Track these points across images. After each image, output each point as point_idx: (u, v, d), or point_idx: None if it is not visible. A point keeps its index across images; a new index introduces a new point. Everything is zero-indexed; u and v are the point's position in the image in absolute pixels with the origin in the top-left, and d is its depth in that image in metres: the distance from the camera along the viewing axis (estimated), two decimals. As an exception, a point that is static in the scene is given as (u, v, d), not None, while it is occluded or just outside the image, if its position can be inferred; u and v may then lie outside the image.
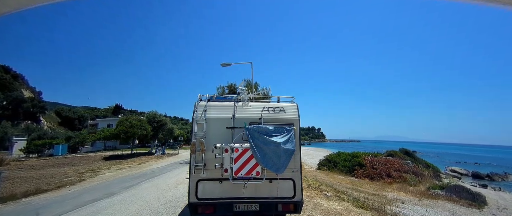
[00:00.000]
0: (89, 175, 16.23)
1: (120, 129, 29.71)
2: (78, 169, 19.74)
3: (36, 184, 12.82)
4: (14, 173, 17.34)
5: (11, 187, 12.02)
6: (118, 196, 9.69)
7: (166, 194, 9.61)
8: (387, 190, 13.18)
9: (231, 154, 4.74)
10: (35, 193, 10.93)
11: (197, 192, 5.11)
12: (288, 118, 5.56)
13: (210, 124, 5.38)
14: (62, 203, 8.94)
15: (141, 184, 12.10)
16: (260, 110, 5.58)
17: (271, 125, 5.11)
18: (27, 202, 9.54)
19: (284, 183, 5.11)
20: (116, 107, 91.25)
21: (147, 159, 26.10)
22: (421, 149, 35.31)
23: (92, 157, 28.93)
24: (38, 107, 55.31)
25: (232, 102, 5.73)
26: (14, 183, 13.28)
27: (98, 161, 25.83)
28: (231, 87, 21.14)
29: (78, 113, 72.53)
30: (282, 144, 4.78)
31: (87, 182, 13.81)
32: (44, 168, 21.03)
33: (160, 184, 11.68)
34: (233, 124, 5.33)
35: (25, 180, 14.44)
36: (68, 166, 22.12)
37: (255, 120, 5.35)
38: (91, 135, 42.48)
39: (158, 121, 34.21)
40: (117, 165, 21.95)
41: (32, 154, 35.15)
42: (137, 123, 30.67)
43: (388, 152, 21.13)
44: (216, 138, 5.19)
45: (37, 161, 27.57)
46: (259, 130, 4.95)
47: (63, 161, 26.21)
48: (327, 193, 9.24)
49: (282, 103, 6.02)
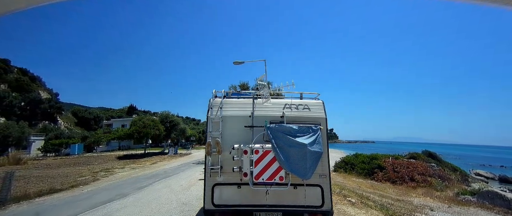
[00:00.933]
0: (103, 174, 16.19)
1: (134, 129, 29.96)
2: (92, 168, 19.86)
3: (51, 184, 12.81)
4: (31, 172, 17.57)
5: (26, 186, 12.02)
6: (130, 197, 9.43)
7: (179, 196, 9.27)
8: (412, 195, 12.35)
9: (251, 156, 4.24)
10: (49, 193, 10.84)
11: (213, 197, 4.65)
12: (314, 117, 4.99)
13: (226, 122, 4.91)
14: (74, 204, 8.74)
15: (154, 184, 11.85)
16: (282, 107, 5.06)
17: (295, 124, 4.57)
18: (40, 202, 9.41)
19: (311, 190, 4.54)
20: (130, 107, 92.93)
21: (160, 159, 26.08)
22: (440, 151, 33.62)
23: (107, 157, 29.26)
24: (55, 107, 56.89)
25: (251, 98, 5.22)
26: (29, 182, 13.34)
27: (112, 160, 26.05)
28: (244, 86, 20.69)
29: (93, 114, 74.18)
30: (309, 145, 4.22)
31: (100, 181, 13.71)
32: (60, 167, 21.31)
33: (173, 185, 11.39)
34: (252, 122, 4.81)
35: (41, 179, 14.52)
36: (83, 165, 22.35)
37: (276, 119, 4.83)
38: (106, 135, 43.21)
39: (171, 121, 34.37)
40: (130, 164, 21.98)
41: (49, 153, 35.99)
42: (150, 123, 30.84)
43: (410, 154, 20.06)
44: (233, 138, 4.73)
45: (54, 160, 28.14)
46: (282, 130, 4.41)
47: (79, 160, 26.60)
48: (351, 199, 8.60)
49: (305, 99, 5.48)
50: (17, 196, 9.80)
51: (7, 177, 9.43)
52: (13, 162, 23.30)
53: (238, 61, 14.37)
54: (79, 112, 72.58)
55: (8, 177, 9.45)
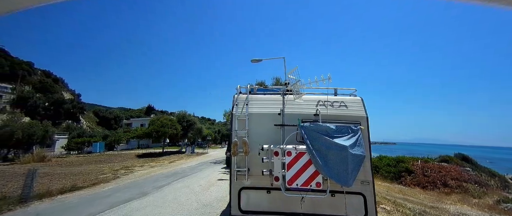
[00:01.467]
0: (123, 172, 16.25)
1: (152, 128, 30.33)
2: (113, 166, 20.10)
3: (73, 181, 12.92)
4: (54, 170, 17.99)
5: (49, 184, 12.15)
6: (150, 196, 9.20)
7: (199, 197, 8.92)
8: (446, 202, 11.38)
9: (282, 158, 3.78)
10: (71, 190, 10.86)
11: (240, 202, 4.25)
12: (352, 115, 4.47)
13: (253, 120, 4.50)
14: (95, 202, 8.61)
15: (173, 183, 11.64)
16: (315, 104, 4.58)
17: (332, 123, 4.05)
18: (61, 199, 9.38)
19: (352, 198, 4.02)
20: (148, 107, 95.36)
21: (177, 158, 26.15)
22: (468, 153, 31.27)
23: (127, 155, 29.76)
24: (77, 108, 58.98)
25: (279, 94, 4.74)
26: (52, 180, 13.54)
27: (132, 158, 26.40)
28: (261, 85, 20.26)
29: (114, 114, 76.47)
30: (350, 148, 3.67)
31: (121, 179, 13.69)
32: (82, 164, 21.77)
33: (192, 185, 11.11)
34: (283, 120, 4.34)
35: (63, 176, 14.74)
36: (104, 163, 22.73)
37: (309, 117, 4.35)
38: (126, 133, 44.19)
39: (187, 120, 34.56)
40: (149, 163, 22.10)
41: (72, 151, 37.28)
42: (167, 122, 31.10)
43: (442, 157, 18.78)
44: (261, 137, 4.31)
45: (77, 157, 28.94)
46: (317, 129, 3.88)
47: (100, 158, 27.18)
48: (384, 206, 7.91)
49: (340, 96, 4.91)
50: (39, 193, 9.84)
51: (30, 174, 9.46)
52: (37, 160, 24.10)
53: (256, 59, 14.02)
54: (100, 112, 75.12)
55: (31, 174, 9.47)
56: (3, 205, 8.49)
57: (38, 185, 11.78)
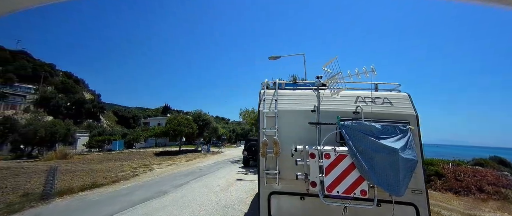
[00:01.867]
0: (142, 170, 16.24)
1: (169, 127, 30.50)
2: (132, 163, 20.24)
3: (93, 178, 12.96)
4: (76, 166, 18.29)
5: (70, 181, 12.22)
6: (169, 195, 8.94)
7: (219, 197, 8.55)
8: (483, 210, 10.37)
9: (320, 161, 3.28)
10: (91, 187, 10.82)
11: (270, 208, 3.83)
12: (399, 113, 3.92)
13: (282, 118, 4.06)
14: (115, 200, 8.43)
15: (191, 183, 11.37)
16: (353, 100, 4.10)
17: (377, 123, 3.50)
18: (82, 196, 9.30)
19: (402, 209, 3.46)
20: (165, 107, 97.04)
21: (194, 156, 26.11)
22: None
23: (145, 153, 30.11)
24: (97, 107, 60.87)
25: (313, 89, 4.26)
26: (73, 176, 13.65)
27: (150, 156, 26.63)
28: (295, 80, 19.53)
29: (132, 113, 78.41)
30: (400, 151, 3.11)
31: (140, 177, 13.62)
32: (102, 162, 22.10)
33: (210, 184, 10.79)
34: (318, 118, 3.83)
35: (84, 173, 14.87)
36: (123, 160, 23.00)
37: (348, 115, 3.86)
38: (144, 132, 44.93)
39: (203, 120, 34.65)
40: (167, 161, 22.12)
41: (93, 148, 38.31)
42: (184, 121, 31.21)
43: (476, 160, 17.46)
44: (292, 136, 3.88)
45: (97, 155, 29.57)
46: (361, 129, 3.34)
47: (120, 155, 27.61)
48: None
49: (382, 91, 4.35)
50: (61, 190, 9.84)
51: (51, 172, 9.43)
52: (60, 157, 24.76)
53: (274, 56, 13.56)
54: (119, 112, 77.17)
55: (52, 172, 9.44)
56: (25, 201, 8.49)
57: (60, 182, 11.89)
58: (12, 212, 7.53)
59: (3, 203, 8.36)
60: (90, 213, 7.22)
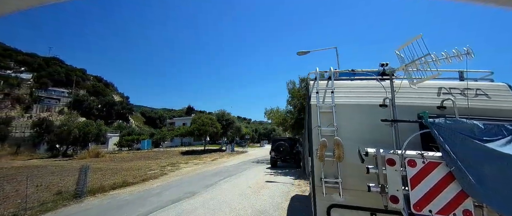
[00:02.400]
0: (170, 169, 16.08)
1: (194, 126, 30.56)
2: (160, 162, 20.31)
3: (123, 176, 12.89)
4: (107, 165, 18.61)
5: (102, 179, 12.22)
6: (199, 197, 8.41)
7: (251, 201, 7.84)
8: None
9: (402, 170, 2.43)
10: (122, 186, 10.68)
11: None
12: (500, 109, 3.01)
13: (342, 113, 3.29)
14: (146, 201, 8.06)
15: (220, 183, 10.82)
16: (436, 92, 3.26)
17: (478, 120, 2.58)
18: (113, 195, 9.09)
19: None
20: (189, 108, 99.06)
21: (219, 156, 25.82)
22: None
23: (171, 152, 30.43)
24: (126, 109, 63.32)
25: (378, 79, 3.45)
26: (105, 174, 13.71)
27: (176, 155, 26.79)
28: (305, 80, 18.33)
29: (158, 114, 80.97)
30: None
31: (168, 176, 13.38)
32: (132, 160, 22.46)
33: (240, 186, 10.15)
34: (394, 114, 2.91)
35: (115, 171, 14.94)
36: (152, 159, 23.23)
37: (431, 110, 2.93)
38: (170, 132, 45.75)
39: (227, 119, 34.45)
40: (193, 160, 21.98)
41: (123, 147, 39.55)
42: (208, 121, 31.14)
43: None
44: (355, 137, 3.18)
45: (127, 154, 30.34)
46: (459, 128, 2.41)
47: (148, 154, 28.09)
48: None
49: (472, 81, 3.39)
50: (93, 189, 9.71)
51: (83, 170, 9.28)
52: (93, 155, 25.61)
53: (303, 51, 12.68)
54: (146, 113, 79.92)
55: (84, 170, 9.28)
56: (59, 200, 8.37)
57: (92, 180, 11.86)
58: (45, 211, 7.38)
59: (37, 202, 8.30)
60: (121, 214, 6.82)
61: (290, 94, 16.41)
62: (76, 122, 27.79)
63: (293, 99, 16.86)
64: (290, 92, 16.42)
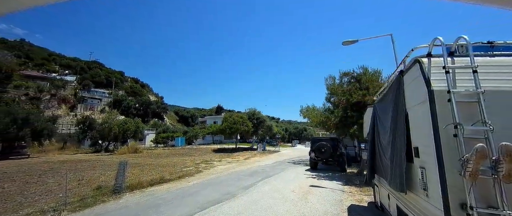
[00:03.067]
0: (204, 166, 15.69)
1: (226, 125, 30.26)
2: (194, 159, 20.15)
3: (160, 172, 12.66)
4: (145, 160, 18.81)
5: (140, 174, 12.06)
6: (239, 199, 7.61)
7: (300, 209, 6.77)
8: None
9: None
10: (159, 183, 10.35)
11: None
12: None
13: (495, 106, 2.20)
14: (183, 200, 7.48)
15: (258, 184, 9.94)
16: None
17: None
18: (151, 192, 8.68)
19: None
20: (218, 107, 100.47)
21: (251, 155, 25.13)
22: None
23: (204, 149, 30.51)
24: (161, 108, 65.71)
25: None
26: (143, 170, 13.62)
27: (209, 153, 26.68)
28: (348, 74, 16.49)
29: (190, 113, 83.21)
30: None
31: (203, 174, 12.91)
32: (168, 156, 22.65)
33: (282, 189, 9.09)
34: None
35: (152, 167, 14.86)
36: (186, 156, 23.27)
37: None
38: (202, 130, 46.33)
39: (257, 118, 33.68)
40: (226, 158, 21.55)
41: (159, 144, 40.79)
42: (239, 119, 30.67)
43: None
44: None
45: (163, 150, 30.97)
46: None
47: (182, 151, 28.37)
48: None
49: None
50: (131, 184, 9.44)
51: (121, 166, 8.99)
52: (132, 151, 26.42)
53: (349, 41, 11.17)
54: (179, 112, 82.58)
55: (122, 166, 8.99)
56: (97, 195, 8.12)
57: (131, 175, 11.75)
58: (84, 206, 7.09)
59: (77, 196, 8.13)
60: (160, 214, 6.24)
61: (329, 91, 15.07)
62: (116, 120, 28.97)
63: (332, 96, 15.52)
64: (329, 88, 15.09)
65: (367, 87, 10.55)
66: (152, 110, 61.47)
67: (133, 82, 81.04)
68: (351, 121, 10.12)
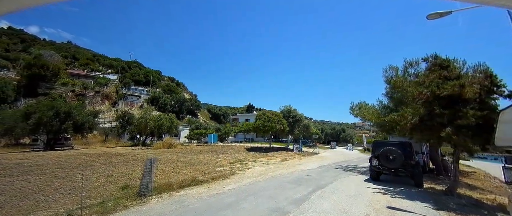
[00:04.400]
0: (239, 167, 14.00)
1: (260, 122, 28.37)
2: (227, 157, 18.71)
3: (192, 171, 11.22)
4: (178, 156, 17.78)
5: (172, 172, 10.73)
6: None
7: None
8: None
9: None
10: (190, 185, 8.80)
11: None
12: None
13: None
14: (219, 214, 5.73)
15: (312, 199, 7.59)
16: None
17: None
18: (180, 198, 7.08)
19: None
20: (249, 106, 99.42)
21: (287, 155, 22.97)
22: None
23: (237, 147, 29.07)
24: (195, 105, 66.44)
25: None
26: (175, 167, 12.37)
27: (242, 151, 25.16)
28: (427, 60, 12.21)
29: (222, 110, 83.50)
30: None
31: (239, 176, 11.16)
32: (201, 153, 21.56)
33: (350, 211, 6.55)
34: None
35: (185, 164, 13.60)
36: (218, 153, 22.01)
37: None
38: (234, 127, 45.27)
39: (293, 116, 31.03)
40: (261, 158, 19.75)
41: (193, 140, 40.57)
42: (274, 117, 28.59)
43: None
44: None
45: (196, 146, 30.24)
46: None
47: (215, 148, 27.26)
48: None
49: None
50: (160, 185, 8.03)
51: (148, 166, 7.56)
52: (166, 146, 25.94)
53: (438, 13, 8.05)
54: (212, 109, 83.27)
55: (149, 166, 7.56)
56: (121, 198, 6.76)
57: (161, 174, 10.44)
58: (103, 212, 5.71)
59: (100, 198, 6.88)
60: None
61: (391, 84, 12.42)
62: (152, 115, 28.85)
63: (394, 91, 12.84)
64: (391, 81, 12.44)
65: (459, 76, 7.82)
66: (186, 107, 62.27)
67: (169, 81, 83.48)
68: (440, 122, 7.35)
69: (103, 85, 52.34)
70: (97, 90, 49.62)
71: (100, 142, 32.53)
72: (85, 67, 65.83)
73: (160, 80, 77.46)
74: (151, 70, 79.98)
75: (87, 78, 54.48)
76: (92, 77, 56.95)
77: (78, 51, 79.08)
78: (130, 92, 58.67)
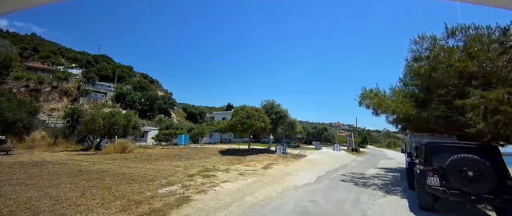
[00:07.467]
0: (199, 184, 8.73)
1: (237, 119, 23.09)
2: (191, 164, 13.52)
3: (114, 200, 5.73)
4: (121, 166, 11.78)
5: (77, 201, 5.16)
6: None
7: None
8: None
9: None
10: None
11: None
12: None
13: None
14: None
15: None
16: None
17: None
18: None
19: None
20: (228, 105, 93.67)
21: (270, 160, 17.99)
22: None
23: (209, 149, 23.60)
24: (168, 103, 59.50)
25: None
26: (92, 191, 6.73)
27: (214, 155, 19.87)
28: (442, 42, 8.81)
29: (199, 109, 77.32)
30: None
31: (189, 210, 5.90)
32: (158, 159, 16.01)
33: None
34: None
35: (116, 182, 7.87)
36: (183, 158, 16.65)
37: None
38: (209, 127, 39.64)
39: (277, 112, 25.82)
40: (236, 164, 14.61)
41: (162, 142, 34.43)
42: (254, 113, 23.46)
43: None
44: None
45: (161, 149, 24.40)
46: None
47: (182, 151, 21.56)
48: None
49: None
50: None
51: None
52: (118, 150, 19.86)
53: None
54: (187, 108, 76.66)
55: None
56: None
57: (67, 201, 4.96)
58: None
59: None
60: None
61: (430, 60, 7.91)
62: (101, 112, 22.42)
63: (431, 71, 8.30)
64: (428, 57, 7.96)
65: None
66: (158, 106, 55.31)
67: (142, 77, 75.63)
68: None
69: (63, 80, 44.18)
70: (54, 85, 41.54)
71: (48, 146, 25.41)
72: (45, 60, 56.52)
73: (131, 76, 69.41)
74: (121, 65, 71.53)
75: (46, 72, 46.00)
76: (52, 71, 48.37)
77: (42, 44, 68.87)
78: (94, 88, 50.85)
